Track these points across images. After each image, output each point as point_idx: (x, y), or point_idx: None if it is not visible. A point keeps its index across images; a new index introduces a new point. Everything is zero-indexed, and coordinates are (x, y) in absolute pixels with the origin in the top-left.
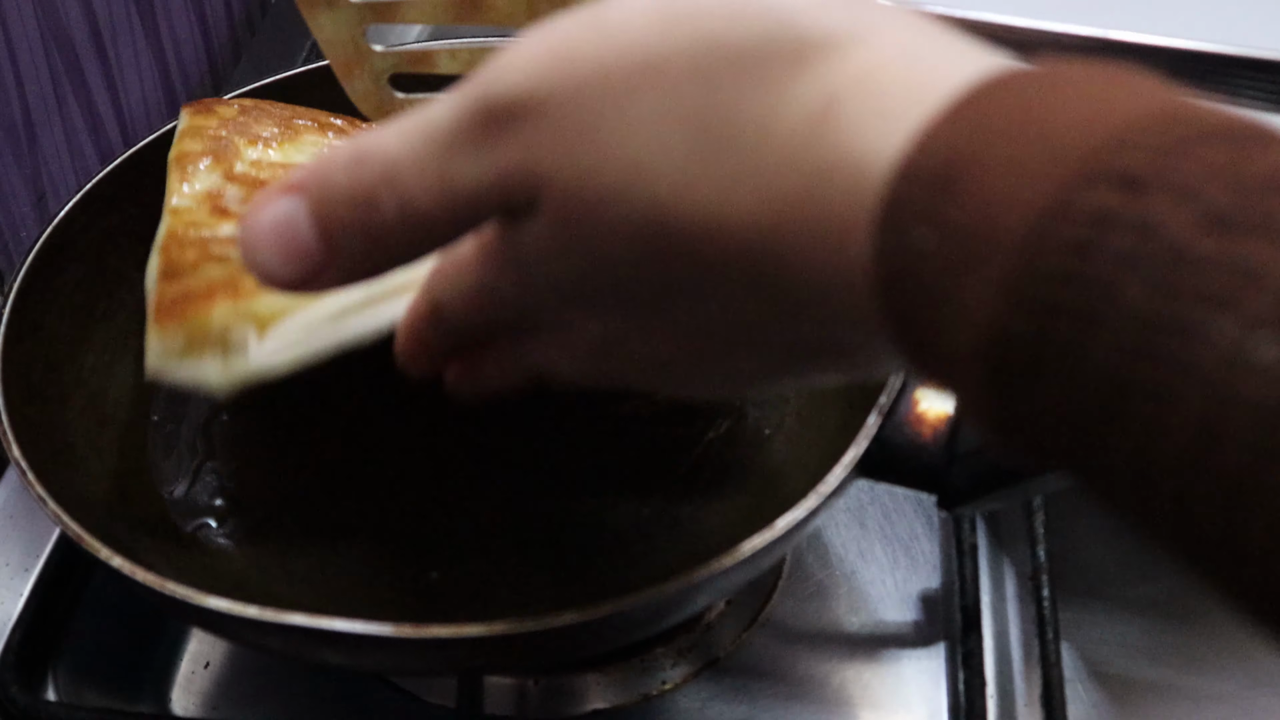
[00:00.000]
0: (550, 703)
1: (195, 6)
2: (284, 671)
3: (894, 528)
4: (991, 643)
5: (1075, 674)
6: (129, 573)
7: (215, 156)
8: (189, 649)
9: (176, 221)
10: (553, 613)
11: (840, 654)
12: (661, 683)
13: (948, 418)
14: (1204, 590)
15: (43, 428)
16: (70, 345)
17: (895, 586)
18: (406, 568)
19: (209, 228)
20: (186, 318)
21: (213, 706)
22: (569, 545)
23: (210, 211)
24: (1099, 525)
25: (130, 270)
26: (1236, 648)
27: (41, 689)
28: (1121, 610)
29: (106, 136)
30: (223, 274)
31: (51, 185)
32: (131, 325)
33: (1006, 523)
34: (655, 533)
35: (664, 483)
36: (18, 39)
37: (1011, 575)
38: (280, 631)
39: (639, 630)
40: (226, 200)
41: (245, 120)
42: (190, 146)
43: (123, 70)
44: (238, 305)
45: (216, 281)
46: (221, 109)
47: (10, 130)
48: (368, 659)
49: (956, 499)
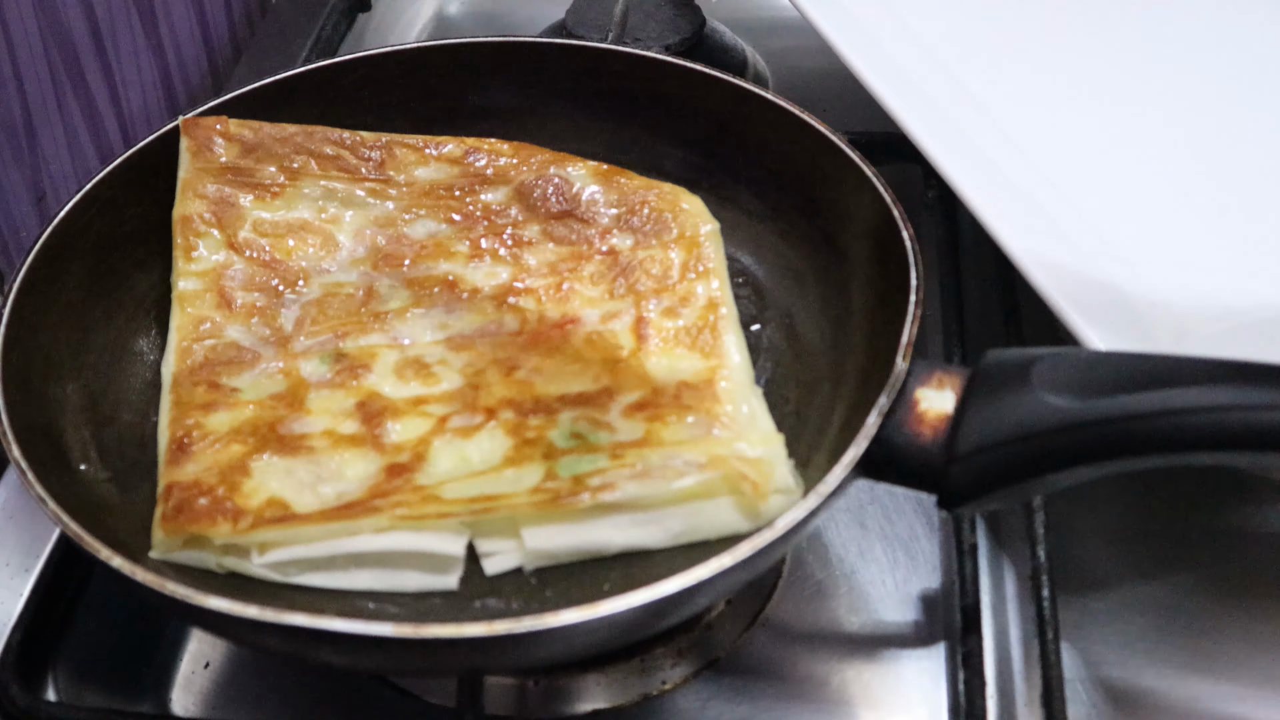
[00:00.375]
0: (550, 703)
1: (195, 6)
2: (284, 671)
3: (894, 528)
4: (991, 643)
5: (1075, 674)
6: (129, 573)
7: (219, 219)
8: (189, 649)
9: (185, 321)
10: (552, 613)
11: (840, 654)
12: (661, 683)
13: (948, 417)
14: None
15: (43, 428)
16: (70, 345)
17: (895, 586)
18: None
19: (218, 334)
20: (190, 533)
21: (213, 706)
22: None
23: (218, 303)
24: (1099, 525)
25: (130, 270)
26: (1237, 648)
27: (41, 689)
28: (1121, 610)
29: (106, 136)
30: (231, 424)
31: (51, 185)
32: (132, 325)
33: (1006, 523)
34: None
35: None
36: (18, 39)
37: (1011, 575)
38: (280, 632)
39: (639, 630)
40: (232, 282)
41: (246, 163)
42: (193, 207)
43: (123, 70)
44: (240, 528)
45: (225, 463)
46: (221, 141)
47: (10, 130)
48: (367, 659)
49: (956, 499)
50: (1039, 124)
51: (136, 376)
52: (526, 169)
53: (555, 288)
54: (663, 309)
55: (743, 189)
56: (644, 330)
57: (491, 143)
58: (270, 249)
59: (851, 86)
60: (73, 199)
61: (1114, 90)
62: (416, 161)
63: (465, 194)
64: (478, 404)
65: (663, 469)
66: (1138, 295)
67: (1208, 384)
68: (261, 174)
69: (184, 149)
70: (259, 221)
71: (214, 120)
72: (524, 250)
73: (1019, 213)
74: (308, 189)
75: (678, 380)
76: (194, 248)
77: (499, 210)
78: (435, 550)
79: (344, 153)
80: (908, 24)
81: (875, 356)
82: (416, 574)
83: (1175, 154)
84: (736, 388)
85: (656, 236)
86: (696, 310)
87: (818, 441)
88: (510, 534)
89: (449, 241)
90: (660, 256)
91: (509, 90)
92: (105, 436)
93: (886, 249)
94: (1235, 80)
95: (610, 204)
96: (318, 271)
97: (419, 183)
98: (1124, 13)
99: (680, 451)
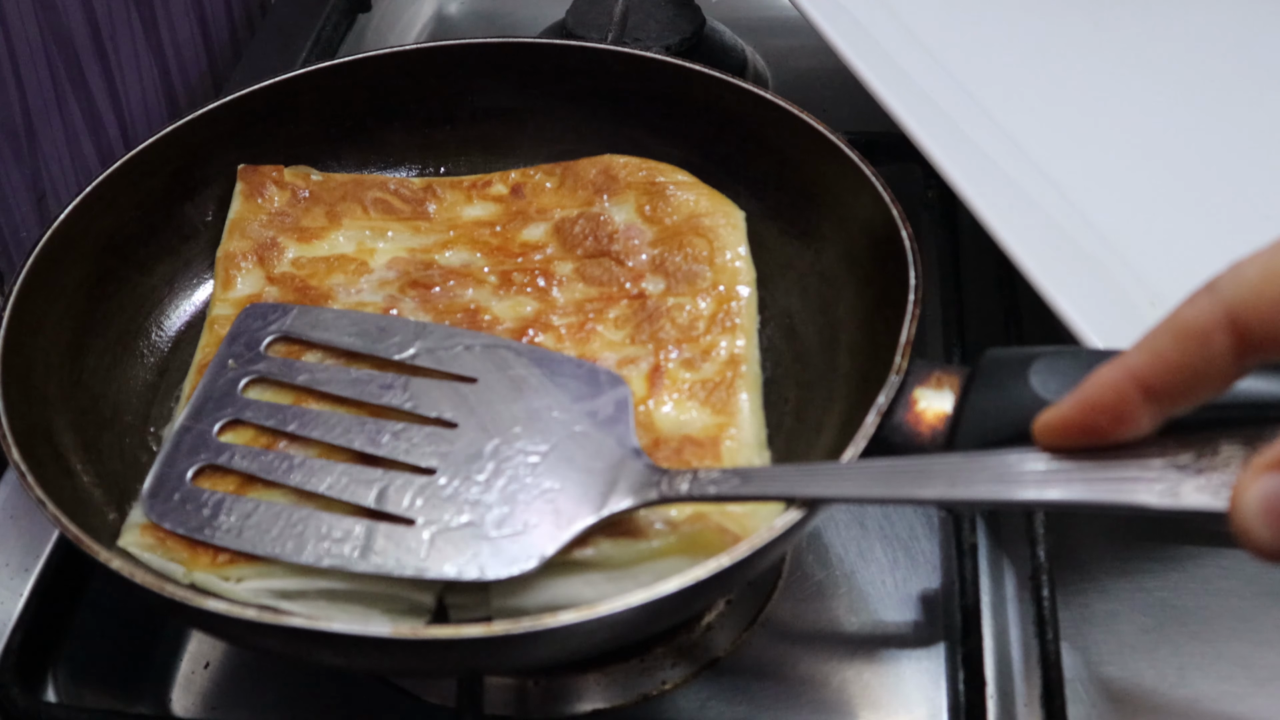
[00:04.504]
0: (550, 703)
1: (195, 6)
2: (284, 671)
3: (894, 528)
4: (991, 643)
5: (1075, 674)
6: (128, 574)
7: (259, 257)
8: (189, 649)
9: (209, 340)
10: (552, 613)
11: (840, 654)
12: (661, 683)
13: (946, 417)
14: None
15: (42, 429)
16: (70, 346)
17: (895, 586)
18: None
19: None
20: (171, 554)
21: (212, 706)
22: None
23: None
24: (1099, 525)
25: (130, 271)
26: (1236, 648)
27: (41, 689)
28: (1121, 610)
29: (106, 136)
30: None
31: (51, 185)
32: (132, 327)
33: (1006, 523)
34: None
35: None
36: (18, 39)
37: (1011, 575)
38: (279, 634)
39: (638, 631)
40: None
41: (294, 213)
42: (238, 246)
43: (123, 70)
44: (218, 561)
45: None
46: (274, 188)
47: (10, 130)
48: (366, 660)
49: None
50: (1038, 123)
51: (136, 378)
52: (571, 200)
53: (578, 327)
54: (682, 360)
55: (742, 189)
56: (658, 379)
57: (541, 171)
58: (305, 279)
59: (851, 86)
60: (73, 199)
61: (1114, 90)
62: (462, 201)
63: (505, 229)
64: None
65: (643, 528)
66: (1137, 294)
67: None
68: (308, 219)
69: (238, 192)
70: (298, 259)
71: (270, 169)
72: (554, 286)
73: (1019, 213)
74: (350, 229)
75: (682, 434)
76: (233, 283)
77: (537, 246)
78: (405, 596)
79: (389, 197)
80: (908, 24)
81: (874, 356)
82: (384, 618)
83: (1176, 153)
84: (741, 448)
85: (689, 282)
86: (716, 365)
87: (817, 441)
88: (480, 588)
89: (480, 272)
90: (690, 305)
91: (509, 90)
92: (105, 438)
93: (886, 249)
94: (1236, 79)
95: (649, 243)
96: (346, 292)
97: (463, 221)
98: (1124, 12)
99: (665, 510)
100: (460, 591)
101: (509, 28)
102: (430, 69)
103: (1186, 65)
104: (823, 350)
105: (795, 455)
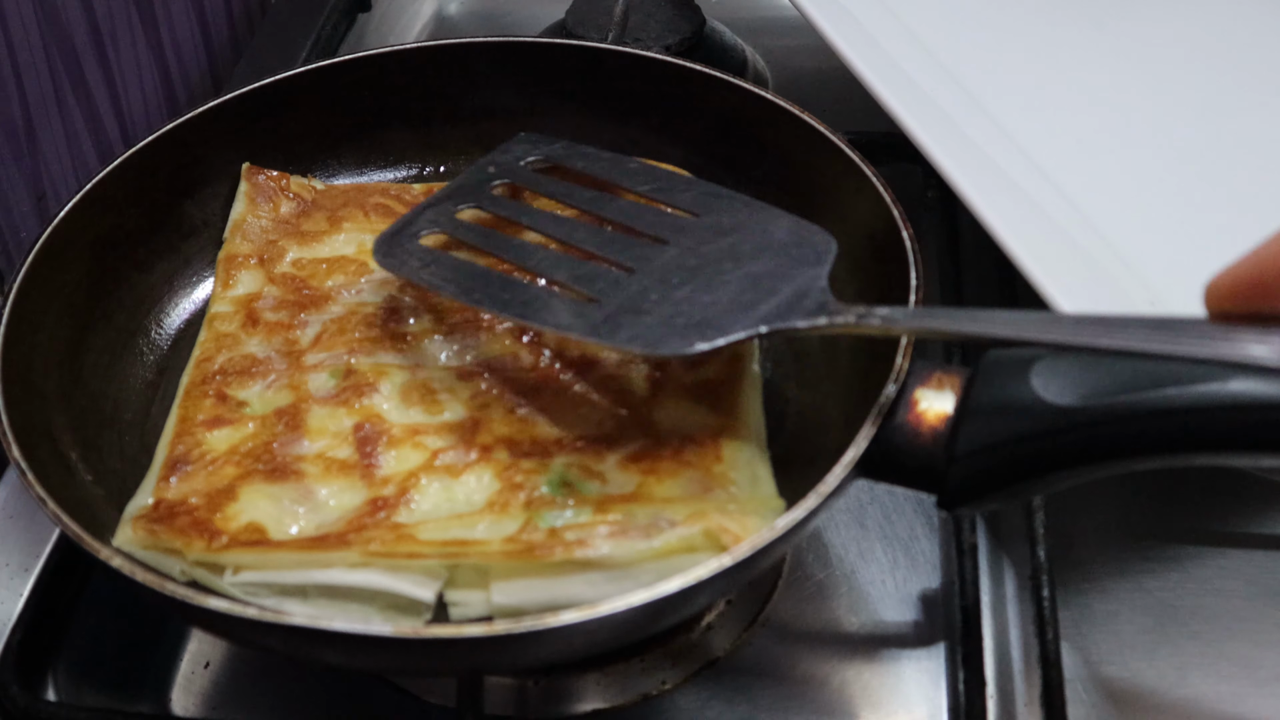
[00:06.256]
0: (550, 703)
1: (195, 6)
2: (284, 671)
3: (894, 528)
4: (991, 643)
5: (1075, 674)
6: (129, 573)
7: (260, 259)
8: (189, 649)
9: (209, 337)
10: (553, 613)
11: (840, 654)
12: (661, 683)
13: (947, 418)
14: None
15: (42, 428)
16: (70, 344)
17: (895, 586)
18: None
19: (237, 347)
20: (163, 543)
21: (212, 706)
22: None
23: (244, 322)
24: (1099, 525)
25: (130, 269)
26: (1236, 648)
27: (41, 689)
28: (1121, 610)
29: (106, 136)
30: (229, 443)
31: (51, 185)
32: (131, 324)
33: (1006, 523)
34: None
35: None
36: (18, 39)
37: (1011, 575)
38: (280, 632)
39: (638, 631)
40: (262, 304)
41: (297, 220)
42: (240, 248)
43: (123, 70)
44: (214, 547)
45: (214, 488)
46: (281, 199)
47: (10, 130)
48: (367, 660)
49: (956, 499)
50: (1039, 124)
51: (136, 375)
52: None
53: None
54: (686, 360)
55: (742, 189)
56: (660, 379)
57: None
58: (306, 279)
59: (851, 86)
60: (73, 199)
61: (1115, 90)
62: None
63: (506, 229)
64: (474, 440)
65: (644, 527)
66: (1137, 294)
67: (1208, 384)
68: (309, 223)
69: (242, 192)
70: (299, 259)
71: (279, 176)
72: (554, 286)
73: (1019, 213)
74: (351, 232)
75: (683, 434)
76: (233, 282)
77: (543, 244)
78: (405, 593)
79: (390, 201)
80: (908, 24)
81: (875, 356)
82: (381, 616)
83: (1176, 154)
84: (742, 448)
85: None
86: (719, 366)
87: (817, 441)
88: (481, 586)
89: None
90: None
91: (509, 90)
92: (105, 436)
93: (886, 249)
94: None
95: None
96: (346, 292)
97: (466, 221)
98: (1125, 13)
99: (666, 510)
100: (460, 588)
101: (509, 28)
102: (430, 68)
103: (1187, 66)
104: (823, 350)
105: (796, 456)
